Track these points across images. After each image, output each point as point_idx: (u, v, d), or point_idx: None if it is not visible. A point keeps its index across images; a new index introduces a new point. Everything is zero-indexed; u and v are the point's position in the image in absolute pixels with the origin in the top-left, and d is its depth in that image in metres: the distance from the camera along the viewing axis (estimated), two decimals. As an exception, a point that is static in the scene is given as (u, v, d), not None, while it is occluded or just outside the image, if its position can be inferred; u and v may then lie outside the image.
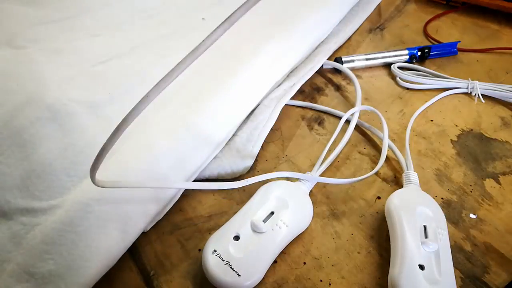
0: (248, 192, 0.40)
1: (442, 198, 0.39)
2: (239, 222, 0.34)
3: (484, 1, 0.59)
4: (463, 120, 0.46)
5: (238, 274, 0.31)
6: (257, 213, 0.34)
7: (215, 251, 0.32)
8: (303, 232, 0.36)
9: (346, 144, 0.43)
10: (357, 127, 0.46)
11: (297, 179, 0.38)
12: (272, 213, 0.34)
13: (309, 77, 0.50)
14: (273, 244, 0.33)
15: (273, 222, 0.34)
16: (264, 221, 0.34)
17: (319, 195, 0.39)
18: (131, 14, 0.54)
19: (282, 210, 0.34)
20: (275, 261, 0.35)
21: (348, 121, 0.46)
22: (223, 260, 0.31)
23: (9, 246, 0.31)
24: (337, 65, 0.52)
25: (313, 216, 0.37)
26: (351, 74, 0.50)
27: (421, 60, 0.54)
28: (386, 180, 0.40)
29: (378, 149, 0.43)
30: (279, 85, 0.48)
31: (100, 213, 0.32)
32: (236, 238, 0.33)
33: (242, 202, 0.39)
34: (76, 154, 0.36)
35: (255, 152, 0.42)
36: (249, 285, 0.31)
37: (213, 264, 0.31)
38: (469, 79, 0.49)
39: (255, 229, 0.33)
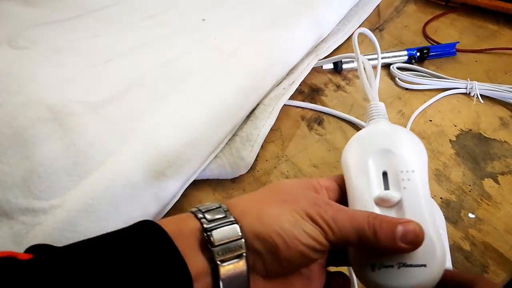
0: (249, 190, 0.40)
1: (441, 198, 0.39)
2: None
3: (483, 2, 0.59)
4: (462, 120, 0.46)
5: (422, 265, 0.23)
6: (371, 189, 0.26)
7: (374, 265, 0.24)
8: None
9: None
10: (357, 127, 0.46)
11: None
12: (385, 173, 0.26)
13: (307, 72, 0.50)
14: (419, 201, 0.25)
15: (396, 181, 0.25)
16: (387, 188, 0.25)
17: (319, 195, 0.39)
18: (132, 14, 0.54)
19: (392, 161, 0.26)
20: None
21: (349, 121, 0.46)
22: (392, 267, 0.23)
23: (10, 246, 0.31)
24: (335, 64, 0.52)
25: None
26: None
27: (420, 60, 0.54)
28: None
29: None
30: (278, 84, 0.48)
31: (101, 213, 0.32)
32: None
33: (242, 202, 0.39)
34: (76, 154, 0.36)
35: (255, 152, 0.42)
36: (440, 265, 0.23)
37: (384, 280, 0.23)
38: (468, 79, 0.49)
39: (388, 204, 0.25)
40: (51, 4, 0.55)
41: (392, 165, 0.26)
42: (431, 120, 0.46)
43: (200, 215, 0.22)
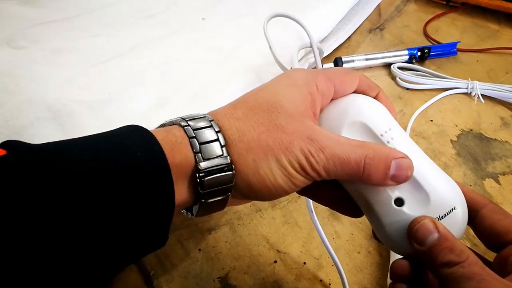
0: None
1: (442, 198, 0.39)
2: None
3: (484, 1, 0.59)
4: (463, 120, 0.46)
5: (452, 209, 0.23)
6: None
7: None
8: (303, 231, 0.36)
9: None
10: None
11: None
12: None
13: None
14: (413, 149, 0.25)
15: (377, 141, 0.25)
16: None
17: (319, 195, 0.39)
18: (131, 14, 0.54)
19: (365, 131, 0.25)
20: (275, 261, 0.35)
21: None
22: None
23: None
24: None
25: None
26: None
27: (421, 60, 0.54)
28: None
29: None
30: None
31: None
32: (399, 201, 0.24)
33: (242, 202, 0.39)
34: (76, 154, 0.36)
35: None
36: (463, 199, 0.24)
37: None
38: (469, 79, 0.49)
39: None
40: (50, 4, 0.55)
41: (368, 134, 0.25)
42: (432, 120, 0.46)
43: (196, 147, 0.21)
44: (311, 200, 0.32)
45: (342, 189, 0.26)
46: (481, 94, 0.48)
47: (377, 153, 0.23)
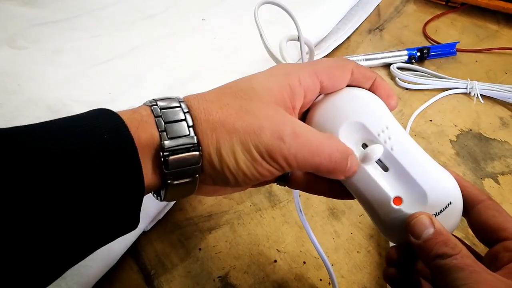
0: (249, 191, 0.40)
1: (441, 198, 0.39)
2: (373, 185, 0.24)
3: (483, 2, 0.59)
4: (462, 120, 0.46)
5: (448, 204, 0.24)
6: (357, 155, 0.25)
7: None
8: (302, 231, 0.36)
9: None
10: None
11: None
12: (364, 145, 0.25)
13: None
14: (412, 149, 0.25)
15: (373, 142, 0.25)
16: (366, 145, 0.25)
17: (319, 194, 0.39)
18: (131, 14, 0.54)
19: (362, 131, 0.25)
20: (275, 261, 0.35)
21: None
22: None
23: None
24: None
25: (311, 214, 0.36)
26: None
27: (420, 60, 0.54)
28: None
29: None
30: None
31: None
32: (397, 200, 0.24)
33: (242, 202, 0.39)
34: (76, 153, 0.36)
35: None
36: (459, 194, 0.24)
37: None
38: (468, 79, 0.49)
39: (376, 155, 0.24)
40: (51, 4, 0.55)
41: (364, 134, 0.25)
42: (431, 120, 0.46)
43: (161, 126, 0.21)
44: (299, 200, 0.32)
45: (336, 182, 0.26)
46: (480, 94, 0.48)
47: (352, 156, 0.24)
